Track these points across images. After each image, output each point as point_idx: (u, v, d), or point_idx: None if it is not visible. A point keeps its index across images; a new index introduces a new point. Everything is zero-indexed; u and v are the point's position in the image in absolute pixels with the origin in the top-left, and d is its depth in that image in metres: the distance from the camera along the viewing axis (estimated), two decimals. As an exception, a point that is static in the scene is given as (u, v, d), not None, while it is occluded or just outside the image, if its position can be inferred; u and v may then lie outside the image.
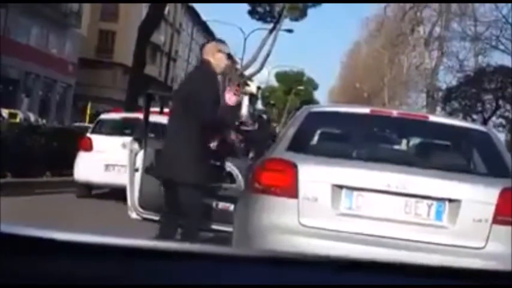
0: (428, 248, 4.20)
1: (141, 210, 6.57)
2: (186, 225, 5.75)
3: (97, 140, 10.82)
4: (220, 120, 6.04)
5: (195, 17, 62.25)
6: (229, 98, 7.57)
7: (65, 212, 8.67)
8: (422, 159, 5.04)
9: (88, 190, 10.87)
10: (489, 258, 4.06)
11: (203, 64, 5.94)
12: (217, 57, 5.88)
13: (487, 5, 31.01)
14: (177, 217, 5.77)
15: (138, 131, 8.04)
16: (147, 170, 6.42)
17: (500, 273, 1.17)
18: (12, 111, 28.64)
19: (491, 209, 4.24)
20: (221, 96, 6.63)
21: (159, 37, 51.39)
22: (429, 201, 4.33)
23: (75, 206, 10.09)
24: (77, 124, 33.47)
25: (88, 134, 11.22)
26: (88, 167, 10.28)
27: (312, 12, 45.32)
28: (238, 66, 45.33)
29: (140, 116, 9.22)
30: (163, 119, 7.03)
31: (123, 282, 0.94)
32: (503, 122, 32.12)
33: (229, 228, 5.45)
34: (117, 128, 11.23)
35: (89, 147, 10.74)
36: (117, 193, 8.93)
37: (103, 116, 12.14)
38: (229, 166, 6.47)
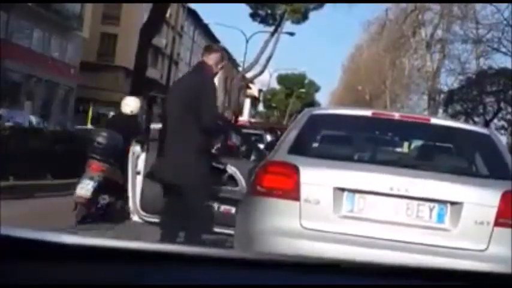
0: (430, 250, 4.19)
1: (143, 213, 6.57)
2: (190, 228, 5.73)
3: None
4: (221, 123, 6.05)
5: (197, 20, 62.28)
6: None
7: (65, 215, 8.67)
8: (424, 161, 5.04)
9: None
10: (491, 261, 4.05)
11: (205, 68, 5.90)
12: (217, 64, 5.92)
13: (489, 7, 31.02)
14: (178, 220, 5.75)
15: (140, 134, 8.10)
16: (149, 175, 6.38)
17: (502, 275, 1.17)
18: (14, 114, 28.72)
19: (493, 212, 4.23)
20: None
21: (161, 40, 51.46)
22: (431, 204, 4.33)
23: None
24: (79, 127, 33.59)
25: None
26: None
27: (313, 15, 45.31)
28: (240, 69, 45.36)
29: None
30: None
31: (123, 284, 0.94)
32: (505, 124, 32.11)
33: (231, 231, 5.46)
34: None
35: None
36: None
37: None
38: (232, 169, 6.47)
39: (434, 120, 5.42)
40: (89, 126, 40.69)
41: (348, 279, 1.03)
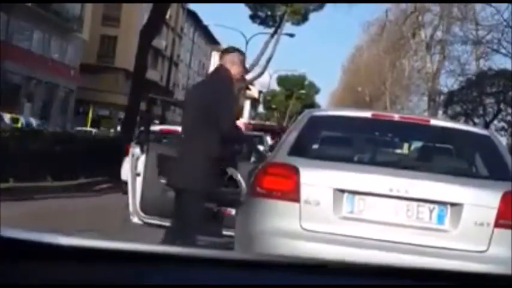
0: (430, 252, 4.19)
1: (142, 214, 6.56)
2: (184, 230, 5.69)
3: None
4: (238, 129, 6.00)
5: (197, 21, 62.28)
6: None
7: (65, 216, 8.68)
8: (424, 163, 5.04)
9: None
10: (491, 262, 4.05)
11: (223, 72, 5.80)
12: (236, 67, 5.82)
13: (489, 8, 31.02)
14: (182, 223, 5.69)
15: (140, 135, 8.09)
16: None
17: (502, 276, 1.17)
18: (14, 116, 28.75)
19: (493, 213, 4.23)
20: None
21: (161, 42, 51.45)
22: (431, 205, 4.33)
23: (76, 209, 10.10)
24: (79, 129, 33.62)
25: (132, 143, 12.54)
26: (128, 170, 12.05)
27: (313, 16, 45.25)
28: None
29: (176, 128, 10.52)
30: None
31: (122, 284, 0.94)
32: (505, 125, 32.10)
33: (231, 233, 5.45)
34: (155, 139, 12.30)
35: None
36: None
37: (142, 129, 13.78)
38: (232, 170, 6.46)
39: (434, 122, 5.42)
40: (89, 128, 40.75)
41: (347, 280, 1.03)
